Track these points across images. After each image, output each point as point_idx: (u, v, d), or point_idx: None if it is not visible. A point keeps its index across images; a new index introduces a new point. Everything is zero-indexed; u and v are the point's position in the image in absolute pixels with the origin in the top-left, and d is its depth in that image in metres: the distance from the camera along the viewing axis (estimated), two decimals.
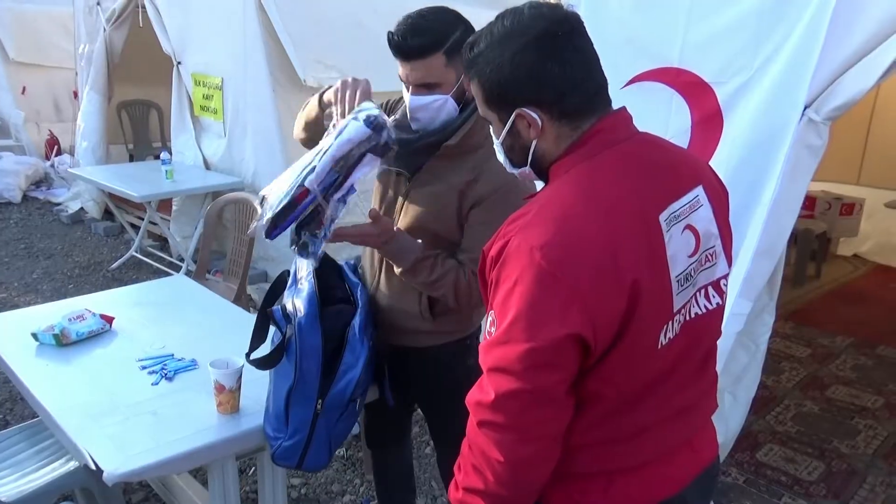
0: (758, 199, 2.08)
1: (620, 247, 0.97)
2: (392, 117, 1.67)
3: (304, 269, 1.70)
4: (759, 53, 2.11)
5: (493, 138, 1.16)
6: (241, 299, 3.39)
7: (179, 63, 4.87)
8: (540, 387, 0.98)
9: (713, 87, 2.23)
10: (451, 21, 1.59)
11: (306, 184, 1.37)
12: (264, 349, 1.68)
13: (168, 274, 4.58)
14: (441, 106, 1.62)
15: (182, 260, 4.71)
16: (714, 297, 1.13)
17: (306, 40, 4.14)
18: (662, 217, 1.03)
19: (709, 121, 2.23)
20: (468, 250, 1.62)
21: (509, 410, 0.99)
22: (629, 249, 0.98)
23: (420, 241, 1.61)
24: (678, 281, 1.04)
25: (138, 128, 6.77)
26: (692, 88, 2.27)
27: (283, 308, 1.66)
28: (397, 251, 1.60)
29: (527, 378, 0.97)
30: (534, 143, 1.08)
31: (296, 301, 1.65)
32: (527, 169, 1.13)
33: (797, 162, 2.04)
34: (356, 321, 1.67)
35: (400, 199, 1.74)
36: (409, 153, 1.68)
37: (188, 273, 4.12)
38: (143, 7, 5.05)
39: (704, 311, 1.11)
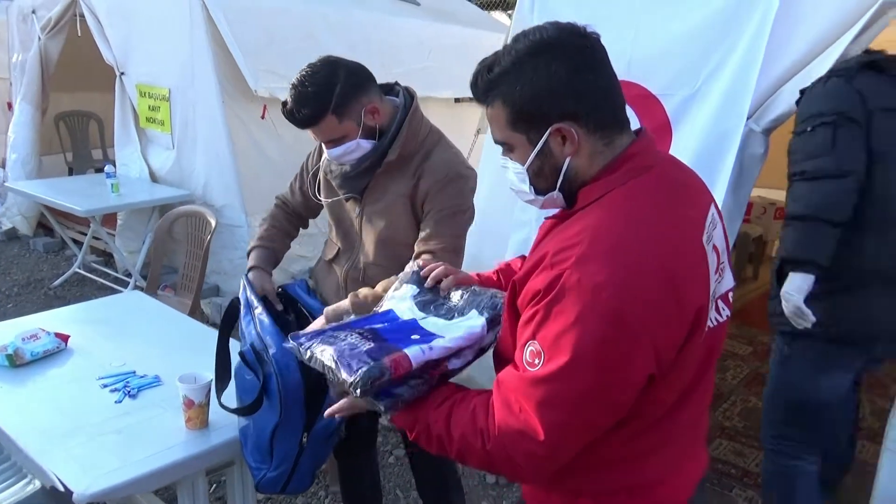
0: None
1: (680, 278, 0.95)
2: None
3: (256, 299, 1.69)
4: (703, 68, 2.23)
5: (512, 164, 1.08)
6: (196, 314, 3.33)
7: (123, 74, 4.75)
8: (597, 424, 0.99)
9: (661, 100, 2.34)
10: (329, 78, 1.62)
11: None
12: (231, 386, 1.66)
13: (114, 290, 4.45)
14: (355, 149, 1.70)
15: (129, 275, 4.58)
16: (724, 309, 1.12)
17: (257, 50, 4.11)
18: (704, 239, 1.02)
19: (658, 131, 2.34)
20: (433, 237, 1.68)
21: (563, 445, 0.99)
22: (688, 279, 0.97)
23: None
24: (712, 300, 1.05)
25: (77, 139, 6.54)
26: (641, 101, 2.37)
27: (253, 347, 1.59)
28: None
29: (582, 414, 0.96)
30: (567, 160, 1.02)
31: (261, 333, 1.60)
32: (555, 193, 1.06)
33: (741, 170, 2.16)
34: None
35: (356, 220, 1.82)
36: (352, 178, 1.77)
37: (137, 288, 4.01)
38: (82, 16, 4.90)
39: (716, 324, 1.10)
